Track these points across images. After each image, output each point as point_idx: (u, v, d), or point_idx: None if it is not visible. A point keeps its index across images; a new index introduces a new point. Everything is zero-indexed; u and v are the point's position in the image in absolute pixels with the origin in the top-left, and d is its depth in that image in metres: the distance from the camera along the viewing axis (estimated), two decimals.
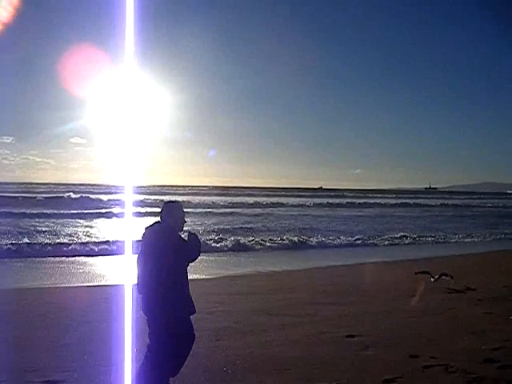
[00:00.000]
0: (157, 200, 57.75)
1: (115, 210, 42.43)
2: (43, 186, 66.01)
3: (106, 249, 20.60)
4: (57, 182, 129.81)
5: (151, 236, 5.34)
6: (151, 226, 5.42)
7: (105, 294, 11.59)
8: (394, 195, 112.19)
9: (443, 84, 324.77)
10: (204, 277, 14.85)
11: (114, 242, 21.31)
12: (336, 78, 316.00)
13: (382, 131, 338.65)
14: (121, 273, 15.43)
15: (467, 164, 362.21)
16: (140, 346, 5.40)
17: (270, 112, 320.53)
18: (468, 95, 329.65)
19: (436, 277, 13.29)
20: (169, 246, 5.20)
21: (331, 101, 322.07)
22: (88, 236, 25.02)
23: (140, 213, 40.00)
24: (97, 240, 22.81)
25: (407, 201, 78.73)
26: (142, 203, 50.41)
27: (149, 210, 43.47)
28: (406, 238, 28.21)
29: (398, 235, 28.95)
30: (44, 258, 18.65)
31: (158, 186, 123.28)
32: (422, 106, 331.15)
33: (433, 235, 30.15)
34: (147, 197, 60.68)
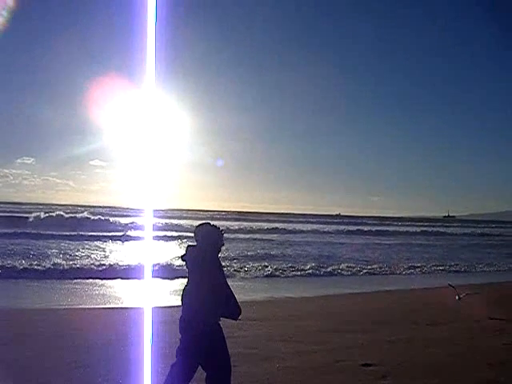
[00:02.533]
0: (176, 224, 58.08)
1: (133, 232, 42.70)
2: (61, 208, 66.51)
3: (123, 271, 20.67)
4: (76, 203, 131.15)
5: (191, 257, 5.46)
6: (190, 246, 5.55)
7: (122, 317, 11.66)
8: (412, 223, 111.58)
9: (462, 111, 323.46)
10: None
11: (131, 265, 21.40)
12: (355, 105, 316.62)
13: (401, 158, 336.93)
14: (138, 296, 15.48)
15: (486, 192, 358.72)
16: (159, 369, 5.42)
17: (288, 139, 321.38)
18: (487, 120, 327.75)
19: (462, 295, 13.47)
20: (209, 263, 5.33)
21: (349, 128, 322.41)
22: (106, 258, 25.13)
23: (159, 236, 40.24)
24: (114, 262, 22.88)
25: (426, 229, 78.17)
26: (161, 227, 50.63)
27: (168, 233, 43.75)
28: (425, 267, 27.95)
29: (418, 264, 28.74)
30: (61, 280, 18.76)
31: (177, 210, 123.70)
32: (442, 133, 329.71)
33: (451, 264, 29.88)
34: (167, 220, 61.02)
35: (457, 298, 13.63)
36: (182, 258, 5.55)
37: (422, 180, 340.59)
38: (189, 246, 5.57)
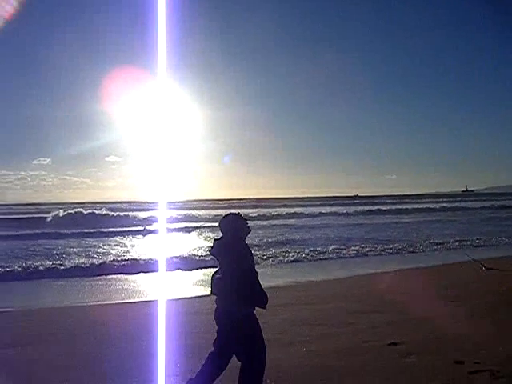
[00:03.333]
0: (194, 214, 58.29)
1: (152, 226, 42.88)
2: (79, 206, 66.97)
3: (145, 265, 20.73)
4: (94, 200, 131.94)
5: (218, 249, 5.52)
6: (217, 240, 5.59)
7: (144, 310, 11.74)
8: (431, 200, 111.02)
9: (475, 84, 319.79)
10: None
11: (153, 259, 21.48)
12: (368, 85, 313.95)
13: (416, 135, 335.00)
14: (159, 289, 15.57)
15: (503, 164, 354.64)
16: (182, 361, 5.45)
17: (299, 125, 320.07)
18: (500, 94, 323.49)
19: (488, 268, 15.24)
20: (237, 251, 5.38)
21: (360, 109, 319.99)
22: (127, 253, 25.24)
23: (178, 228, 40.43)
24: (136, 257, 22.99)
25: (445, 205, 77.76)
26: (180, 218, 50.91)
27: (187, 224, 43.88)
28: (447, 243, 27.74)
29: (440, 241, 28.56)
30: (83, 278, 18.87)
31: (194, 201, 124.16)
32: (455, 107, 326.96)
33: (473, 238, 29.65)
34: (185, 212, 61.37)
35: (484, 270, 14.12)
36: (211, 252, 5.61)
37: (437, 156, 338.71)
38: (215, 239, 5.61)
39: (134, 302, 13.80)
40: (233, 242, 5.43)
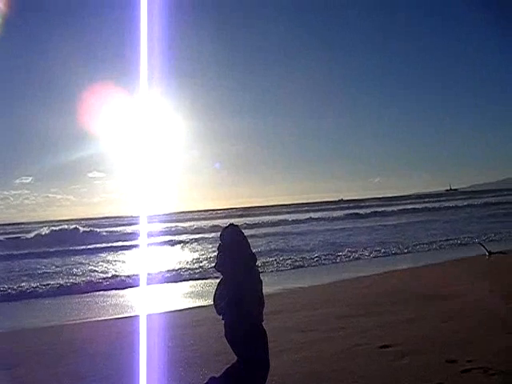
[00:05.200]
0: (181, 227, 58.05)
1: (136, 242, 42.46)
2: (63, 223, 66.45)
3: (131, 281, 20.56)
4: (78, 217, 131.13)
5: (221, 263, 5.59)
6: (220, 253, 5.64)
7: (132, 326, 11.63)
8: (415, 200, 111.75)
9: (456, 81, 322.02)
10: None
11: (137, 275, 21.28)
12: (350, 88, 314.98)
13: (397, 137, 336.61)
14: (144, 304, 15.44)
15: (488, 161, 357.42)
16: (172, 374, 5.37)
17: (285, 130, 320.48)
18: (481, 91, 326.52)
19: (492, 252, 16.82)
20: (237, 263, 5.45)
21: (344, 112, 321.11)
22: (111, 270, 24.99)
23: (164, 241, 40.24)
24: (121, 273, 22.85)
25: (428, 205, 78.29)
26: (166, 231, 50.68)
27: (176, 238, 43.66)
28: (433, 243, 27.88)
29: (425, 241, 28.72)
30: (66, 296, 18.66)
31: (181, 213, 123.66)
32: (435, 106, 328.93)
33: (457, 237, 29.85)
34: (173, 224, 61.20)
35: (486, 256, 15.18)
36: (215, 267, 5.67)
37: (420, 157, 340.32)
38: (218, 253, 5.65)
39: (120, 318, 13.67)
40: (236, 253, 5.48)
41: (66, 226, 53.89)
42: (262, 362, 5.48)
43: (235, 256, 5.44)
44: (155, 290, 18.12)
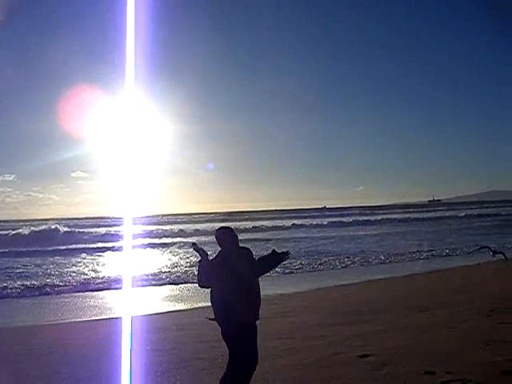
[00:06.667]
0: (162, 230, 57.79)
1: (117, 243, 42.16)
2: (49, 222, 65.73)
3: (111, 283, 20.42)
4: (60, 216, 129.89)
5: (218, 264, 5.77)
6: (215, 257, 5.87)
7: (111, 328, 11.53)
8: (397, 210, 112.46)
9: (441, 92, 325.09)
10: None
11: (117, 276, 21.15)
12: (334, 97, 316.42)
13: (382, 147, 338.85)
14: (125, 306, 15.31)
15: (471, 173, 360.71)
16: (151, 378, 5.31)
17: (266, 138, 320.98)
18: (466, 102, 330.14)
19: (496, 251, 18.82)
20: (235, 262, 5.69)
21: (328, 120, 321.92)
22: (91, 271, 24.79)
23: (146, 244, 40.03)
24: (101, 274, 22.71)
25: (410, 215, 78.87)
26: (149, 234, 50.43)
27: (157, 240, 43.44)
28: (414, 254, 28.05)
29: (409, 251, 28.90)
30: (43, 297, 18.48)
31: (164, 215, 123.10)
32: (420, 116, 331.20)
33: (438, 248, 30.07)
34: (156, 227, 60.91)
35: (491, 254, 17.25)
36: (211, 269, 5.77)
37: (405, 166, 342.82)
38: (216, 256, 5.84)
39: (99, 320, 13.56)
40: (234, 253, 5.74)
41: (46, 227, 53.27)
42: (250, 358, 5.69)
43: (228, 257, 5.68)
44: (134, 293, 17.99)
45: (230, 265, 5.65)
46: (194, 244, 6.16)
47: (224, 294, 5.63)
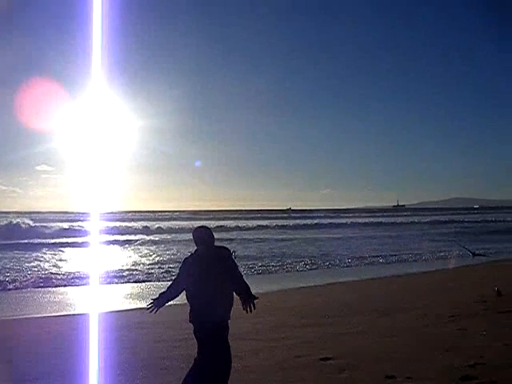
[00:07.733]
0: (126, 226, 57.21)
1: (80, 239, 41.55)
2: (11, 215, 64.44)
3: (72, 279, 20.15)
4: (23, 210, 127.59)
5: (197, 263, 5.85)
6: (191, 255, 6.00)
7: (66, 326, 11.34)
8: (362, 214, 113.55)
9: (409, 97, 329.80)
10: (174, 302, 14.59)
11: (79, 273, 20.89)
12: (303, 98, 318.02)
13: (350, 150, 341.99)
14: (88, 302, 15.11)
15: (435, 180, 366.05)
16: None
17: (236, 136, 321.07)
18: (433, 110, 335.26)
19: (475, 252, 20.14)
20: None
21: (295, 122, 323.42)
22: (53, 267, 24.42)
23: (108, 241, 39.57)
24: (63, 271, 22.38)
25: (375, 219, 79.63)
26: (111, 230, 49.84)
27: (119, 237, 42.96)
28: (379, 257, 28.34)
29: (373, 254, 29.18)
30: (3, 291, 18.11)
31: (129, 212, 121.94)
32: (387, 122, 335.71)
33: (403, 253, 30.40)
34: (120, 223, 60.28)
35: (470, 255, 18.06)
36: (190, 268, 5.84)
37: (371, 171, 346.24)
38: (192, 254, 5.97)
39: (60, 316, 13.33)
40: (212, 252, 5.90)
41: (7, 221, 52.17)
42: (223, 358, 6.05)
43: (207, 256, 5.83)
44: (96, 290, 17.74)
45: (205, 264, 5.68)
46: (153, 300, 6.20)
47: (198, 293, 5.70)
